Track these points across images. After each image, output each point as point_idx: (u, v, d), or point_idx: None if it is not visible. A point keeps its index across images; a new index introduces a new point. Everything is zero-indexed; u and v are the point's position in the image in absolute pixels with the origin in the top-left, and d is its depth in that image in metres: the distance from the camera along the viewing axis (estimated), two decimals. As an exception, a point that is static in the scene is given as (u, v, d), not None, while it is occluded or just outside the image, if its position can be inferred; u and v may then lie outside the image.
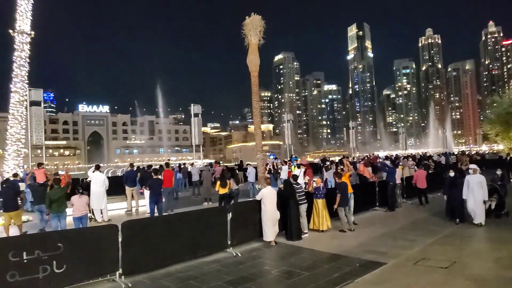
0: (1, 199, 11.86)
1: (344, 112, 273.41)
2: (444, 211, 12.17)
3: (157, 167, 16.17)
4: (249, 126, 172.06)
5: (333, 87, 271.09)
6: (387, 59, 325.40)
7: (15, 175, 15.15)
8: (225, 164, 28.46)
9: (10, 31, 15.03)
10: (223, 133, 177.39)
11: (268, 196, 9.62)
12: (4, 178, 13.44)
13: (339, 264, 7.94)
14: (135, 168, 16.62)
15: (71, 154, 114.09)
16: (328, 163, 21.62)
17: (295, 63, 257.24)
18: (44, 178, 13.70)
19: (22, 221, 11.86)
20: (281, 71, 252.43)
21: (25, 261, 5.96)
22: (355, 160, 26.58)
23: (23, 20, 14.99)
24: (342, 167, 14.41)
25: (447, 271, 7.04)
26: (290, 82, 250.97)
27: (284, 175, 16.78)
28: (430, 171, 19.12)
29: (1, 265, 5.79)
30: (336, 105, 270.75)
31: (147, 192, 14.02)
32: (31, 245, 6.14)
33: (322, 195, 10.92)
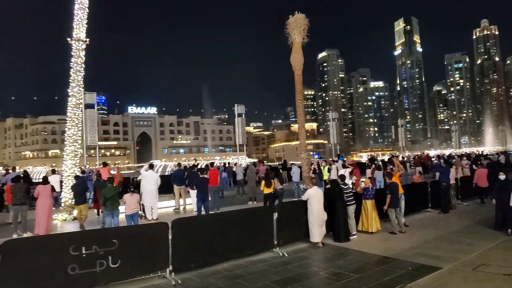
0: (73, 194, 12.95)
1: (391, 110, 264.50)
2: (494, 218, 10.83)
3: (203, 166, 16.50)
4: (292, 125, 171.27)
5: (380, 83, 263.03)
6: (437, 53, 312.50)
7: (83, 172, 16.50)
8: (268, 164, 28.52)
9: (68, 39, 15.87)
10: (266, 133, 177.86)
11: (314, 196, 9.49)
12: (75, 175, 14.45)
13: (390, 267, 7.66)
14: (182, 167, 17.05)
15: (121, 154, 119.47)
16: (376, 162, 20.97)
17: (340, 60, 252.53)
18: (108, 175, 14.52)
19: (87, 214, 12.78)
20: (325, 69, 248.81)
21: (84, 255, 6.29)
22: (405, 160, 25.59)
23: (79, 28, 15.80)
24: (392, 166, 13.92)
25: (510, 278, 6.56)
26: (335, 80, 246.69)
27: (333, 175, 16.48)
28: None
29: (63, 258, 6.14)
30: (383, 102, 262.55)
31: (193, 191, 14.33)
32: (89, 240, 6.47)
33: (371, 196, 10.61)
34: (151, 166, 13.92)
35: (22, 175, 16.44)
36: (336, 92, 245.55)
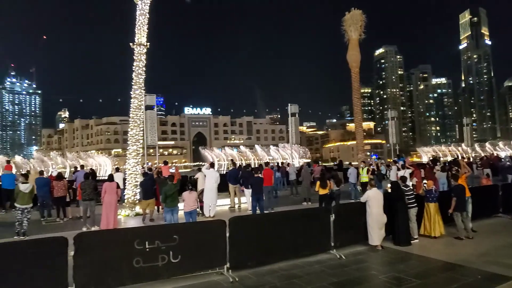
0: (142, 189, 13.90)
1: (455, 108, 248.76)
2: None
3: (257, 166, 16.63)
4: (347, 124, 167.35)
5: (443, 80, 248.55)
6: (509, 46, 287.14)
7: (150, 169, 17.55)
8: (323, 164, 28.04)
9: (130, 43, 16.73)
10: (320, 132, 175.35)
11: (374, 198, 9.18)
12: (143, 172, 15.46)
13: (456, 274, 7.21)
14: (237, 167, 17.32)
15: (179, 153, 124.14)
16: (439, 163, 19.84)
17: (398, 57, 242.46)
18: (169, 173, 15.27)
19: (154, 208, 13.72)
20: (383, 66, 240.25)
21: (147, 249, 6.60)
22: (471, 161, 23.96)
23: (140, 33, 16.60)
24: (457, 168, 13.08)
25: None
26: (393, 77, 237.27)
27: (393, 176, 15.85)
28: None
29: (129, 252, 6.49)
30: (446, 100, 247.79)
31: (247, 190, 14.49)
32: (152, 235, 6.77)
33: (434, 199, 10.05)
34: (212, 165, 14.29)
35: (89, 173, 17.64)
36: (394, 90, 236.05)
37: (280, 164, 23.22)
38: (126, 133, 18.37)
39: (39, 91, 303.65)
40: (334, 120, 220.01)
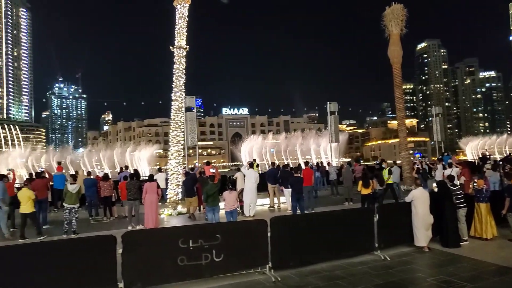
0: (184, 188, 14.55)
1: (506, 102, 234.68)
2: None
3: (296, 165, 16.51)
4: (388, 122, 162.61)
5: (491, 73, 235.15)
6: None
7: (192, 169, 18.02)
8: (365, 163, 27.41)
9: (170, 47, 17.14)
10: (360, 130, 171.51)
11: (419, 198, 8.84)
12: (185, 172, 15.91)
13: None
14: (275, 166, 17.28)
15: (217, 153, 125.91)
16: (489, 161, 18.80)
17: (442, 51, 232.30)
18: (210, 173, 15.56)
19: (197, 206, 14.15)
20: (425, 60, 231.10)
21: (191, 248, 6.73)
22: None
23: (180, 36, 16.98)
24: (510, 166, 12.34)
25: None
26: (436, 72, 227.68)
27: (439, 175, 15.21)
28: None
29: (173, 250, 6.65)
30: (495, 94, 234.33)
31: (287, 190, 14.43)
32: (195, 234, 6.89)
33: (485, 198, 9.53)
34: (251, 165, 14.38)
35: (133, 173, 18.26)
36: (438, 85, 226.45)
37: (319, 164, 22.85)
38: (166, 134, 18.93)
39: (85, 96, 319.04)
40: (375, 118, 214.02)
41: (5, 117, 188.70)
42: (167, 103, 17.77)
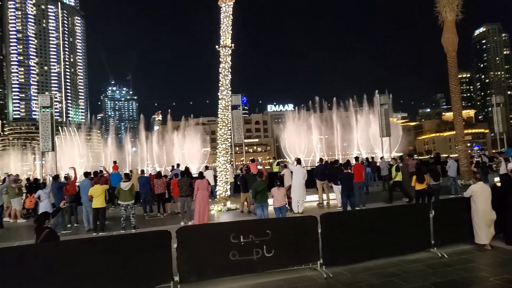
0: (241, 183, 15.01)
1: None
2: None
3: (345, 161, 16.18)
4: (443, 113, 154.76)
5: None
6: None
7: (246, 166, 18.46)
8: (419, 158, 26.26)
9: (216, 46, 17.41)
10: (412, 123, 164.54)
11: (480, 193, 8.34)
12: (241, 167, 16.35)
13: None
14: (323, 162, 17.06)
15: (263, 150, 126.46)
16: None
17: (503, 35, 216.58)
18: (256, 170, 15.76)
19: (250, 201, 14.37)
20: (484, 47, 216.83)
21: (242, 243, 6.82)
22: None
23: (225, 35, 17.18)
24: None
25: None
26: (497, 58, 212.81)
27: (502, 169, 14.27)
28: None
29: (225, 245, 6.77)
30: None
31: (336, 186, 14.19)
32: (246, 230, 6.98)
33: (555, 193, 8.79)
34: (299, 161, 14.31)
35: (184, 171, 18.83)
36: (499, 73, 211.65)
37: (370, 159, 22.19)
38: (213, 132, 19.36)
39: (135, 97, 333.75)
40: (428, 110, 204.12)
41: (64, 120, 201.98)
42: (214, 102, 18.07)
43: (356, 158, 16.62)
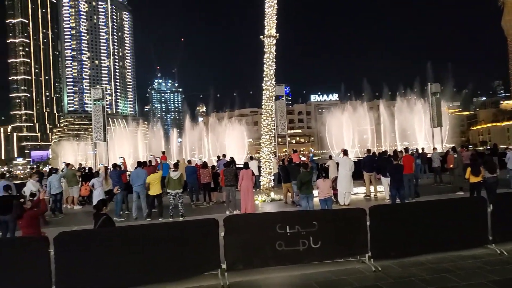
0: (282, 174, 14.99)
1: None
2: None
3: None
4: (501, 102, 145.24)
5: None
6: None
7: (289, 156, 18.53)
8: (474, 149, 24.84)
9: (261, 36, 17.32)
10: (465, 113, 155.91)
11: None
12: (281, 160, 16.42)
13: None
14: (371, 153, 16.60)
15: (306, 141, 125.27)
16: None
17: None
18: (298, 160, 15.71)
19: (293, 192, 14.42)
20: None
21: (288, 234, 6.81)
22: None
23: (270, 25, 17.04)
24: None
25: None
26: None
27: None
28: None
29: (271, 235, 6.80)
30: None
31: (385, 178, 13.78)
32: (292, 220, 6.96)
33: None
34: (345, 152, 14.02)
35: (230, 161, 19.07)
36: None
37: (420, 150, 21.26)
38: (256, 123, 19.44)
39: (181, 89, 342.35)
40: (484, 98, 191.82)
41: (114, 112, 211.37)
42: (257, 93, 18.07)
43: (406, 149, 16.04)
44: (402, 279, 6.45)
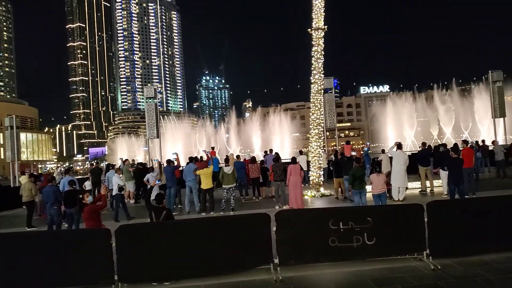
0: (333, 169, 14.75)
1: None
2: None
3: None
4: None
5: None
6: None
7: (336, 151, 18.28)
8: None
9: (308, 29, 17.03)
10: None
11: None
12: (332, 155, 16.27)
13: None
14: (427, 147, 15.85)
15: (355, 135, 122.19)
16: None
17: None
18: (350, 153, 15.39)
19: (344, 187, 14.22)
20: None
21: (342, 230, 6.69)
22: None
23: (318, 17, 16.69)
24: None
25: None
26: None
27: None
28: None
29: (324, 231, 6.71)
30: None
31: (443, 172, 13.10)
32: (346, 216, 6.83)
33: None
34: (399, 146, 13.49)
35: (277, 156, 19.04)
36: None
37: (480, 143, 19.94)
38: (302, 117, 19.24)
39: (228, 85, 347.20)
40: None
41: (165, 109, 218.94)
42: (305, 87, 17.84)
43: (465, 142, 15.14)
44: (465, 279, 6.11)
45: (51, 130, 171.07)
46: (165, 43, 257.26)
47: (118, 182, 13.47)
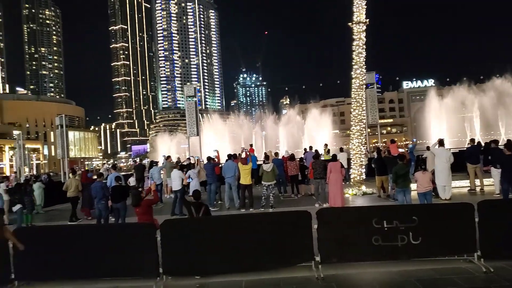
0: (376, 166, 14.30)
1: None
2: None
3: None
4: None
5: None
6: None
7: (378, 148, 17.85)
8: None
9: (349, 23, 16.66)
10: None
11: None
12: (374, 152, 15.87)
13: None
14: (476, 143, 15.08)
15: (398, 131, 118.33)
16: None
17: None
18: (397, 152, 14.97)
19: (388, 186, 13.95)
20: None
21: (385, 229, 6.51)
22: None
23: (359, 11, 16.31)
24: None
25: None
26: None
27: None
28: None
29: (367, 229, 6.57)
30: None
31: (495, 170, 12.40)
32: (390, 215, 6.64)
33: None
34: (441, 142, 12.92)
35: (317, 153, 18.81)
36: None
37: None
38: (342, 114, 18.83)
39: (265, 83, 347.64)
40: None
41: (203, 108, 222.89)
42: (344, 82, 17.50)
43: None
44: (521, 284, 5.76)
45: (97, 129, 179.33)
46: (203, 42, 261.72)
47: (182, 176, 13.72)
